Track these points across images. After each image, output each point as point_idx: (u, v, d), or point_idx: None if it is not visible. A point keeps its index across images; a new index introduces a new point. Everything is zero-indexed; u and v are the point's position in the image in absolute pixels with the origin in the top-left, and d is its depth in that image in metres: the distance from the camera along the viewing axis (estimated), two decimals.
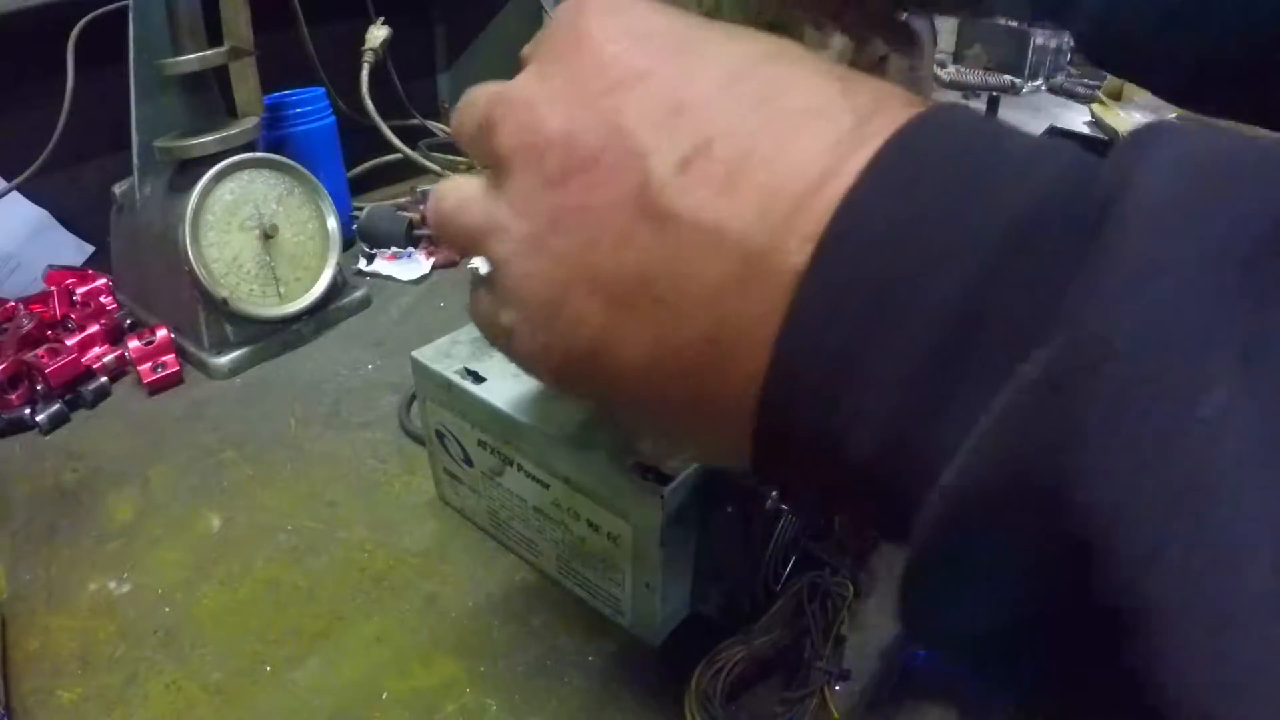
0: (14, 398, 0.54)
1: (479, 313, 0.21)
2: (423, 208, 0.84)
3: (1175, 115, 0.62)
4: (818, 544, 0.38)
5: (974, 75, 1.26)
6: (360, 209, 0.82)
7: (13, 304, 0.62)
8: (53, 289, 0.64)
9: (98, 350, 0.59)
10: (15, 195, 0.69)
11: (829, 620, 0.35)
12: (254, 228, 0.59)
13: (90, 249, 0.76)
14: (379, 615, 0.39)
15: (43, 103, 0.65)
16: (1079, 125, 1.04)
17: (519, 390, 0.37)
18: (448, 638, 0.38)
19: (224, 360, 0.59)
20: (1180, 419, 0.10)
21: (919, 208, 0.13)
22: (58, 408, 0.54)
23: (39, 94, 0.66)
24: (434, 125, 1.02)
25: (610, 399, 0.20)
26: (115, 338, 0.61)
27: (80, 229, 0.76)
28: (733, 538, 0.32)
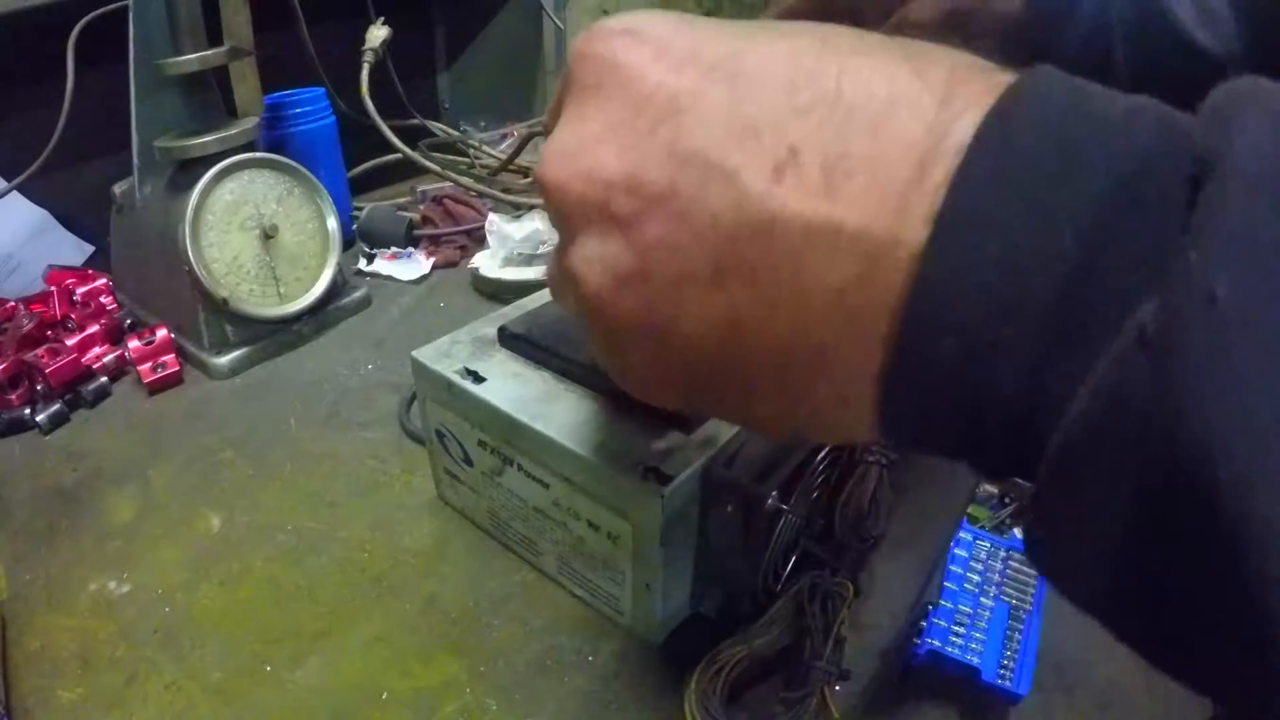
0: (14, 398, 0.54)
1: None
2: (423, 208, 0.84)
3: None
4: (818, 544, 0.38)
5: None
6: (360, 209, 0.82)
7: (13, 304, 0.62)
8: (53, 289, 0.64)
9: (98, 350, 0.59)
10: (15, 195, 0.69)
11: (829, 620, 0.35)
12: (254, 228, 0.59)
13: (90, 249, 0.77)
14: (379, 615, 0.39)
15: (43, 103, 0.65)
16: None
17: (519, 390, 0.37)
18: (448, 638, 0.38)
19: (224, 360, 0.59)
20: (1275, 362, 0.11)
21: (1026, 175, 0.14)
22: (58, 408, 0.54)
23: (39, 94, 0.67)
24: (434, 125, 1.02)
25: (722, 403, 0.20)
26: (115, 338, 0.61)
27: (80, 229, 0.76)
28: (733, 538, 0.32)
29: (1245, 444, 0.11)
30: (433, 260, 0.76)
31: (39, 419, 0.53)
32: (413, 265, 0.75)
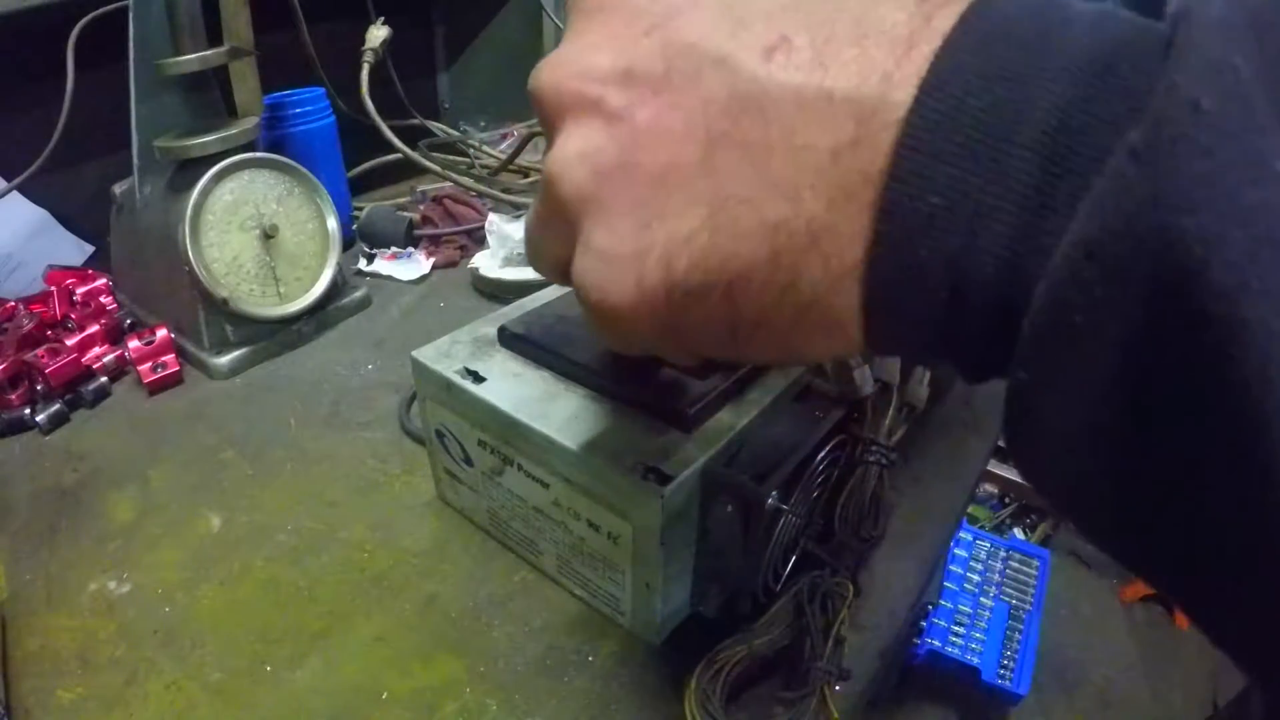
0: (14, 398, 0.54)
1: (545, 251, 0.22)
2: (423, 208, 0.84)
3: None
4: (818, 544, 0.38)
5: None
6: (360, 209, 0.82)
7: (13, 304, 0.62)
8: (53, 289, 0.64)
9: (98, 350, 0.59)
10: (15, 195, 0.69)
11: (829, 620, 0.35)
12: (254, 228, 0.59)
13: (90, 249, 0.77)
14: (379, 615, 0.39)
15: (43, 103, 0.65)
16: None
17: (519, 390, 0.37)
18: (448, 638, 0.38)
19: (224, 360, 0.59)
20: (1261, 167, 0.11)
21: (1010, 50, 0.15)
22: (58, 408, 0.54)
23: (39, 94, 0.67)
24: (434, 125, 1.02)
25: (707, 309, 0.19)
26: (115, 338, 0.61)
27: (80, 229, 0.76)
28: (733, 538, 0.32)
29: (1240, 236, 0.11)
30: (433, 260, 0.76)
31: (39, 419, 0.53)
32: (413, 265, 0.75)
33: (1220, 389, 0.11)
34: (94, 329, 0.60)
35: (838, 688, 0.34)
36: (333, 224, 0.64)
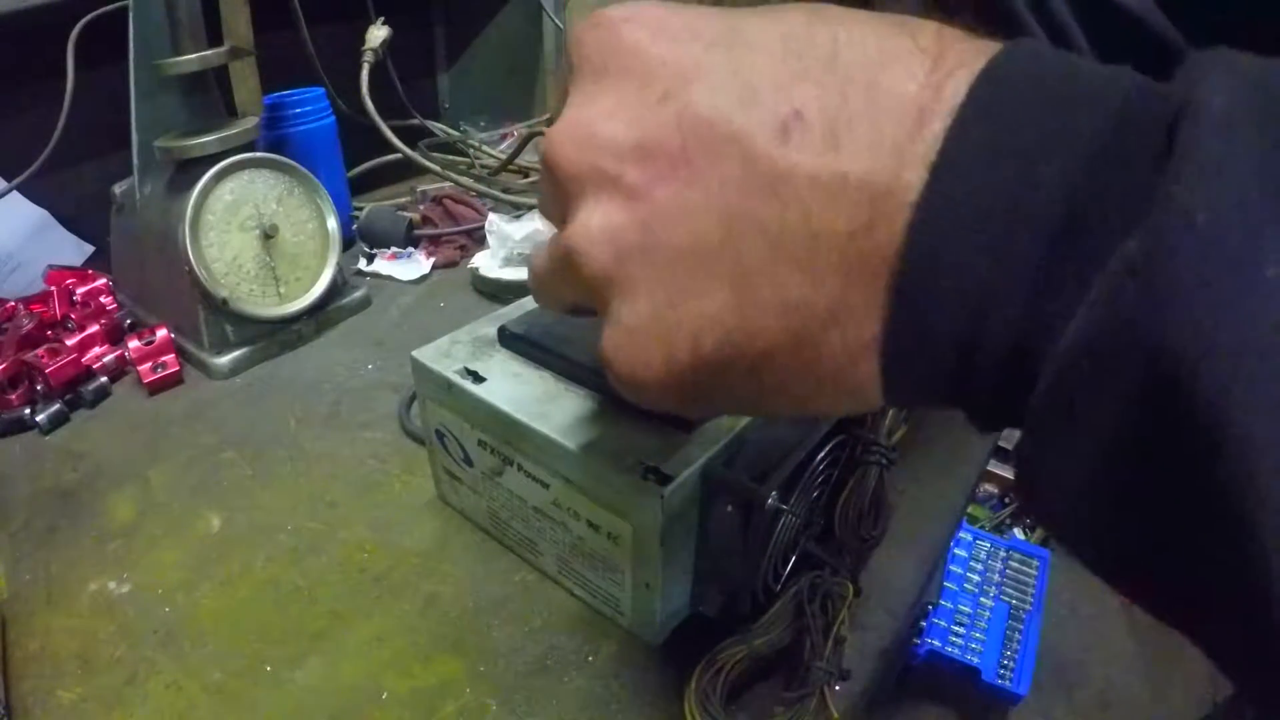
0: (14, 398, 0.54)
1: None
2: (423, 208, 0.84)
3: None
4: (818, 544, 0.38)
5: None
6: (360, 209, 0.82)
7: (13, 304, 0.62)
8: (53, 289, 0.64)
9: (98, 350, 0.59)
10: (15, 195, 0.69)
11: (829, 620, 0.35)
12: (254, 228, 0.59)
13: (90, 249, 0.77)
14: (379, 615, 0.39)
15: (43, 103, 0.65)
16: None
17: (519, 390, 0.37)
18: (448, 638, 0.38)
19: (224, 360, 0.59)
20: (1252, 277, 0.12)
21: (1018, 127, 0.15)
22: (58, 408, 0.54)
23: (39, 94, 0.67)
24: (434, 125, 1.02)
25: (731, 380, 0.19)
26: (115, 338, 0.61)
27: (80, 229, 0.76)
28: (733, 538, 0.32)
29: (1227, 347, 0.12)
30: (433, 260, 0.76)
31: (39, 419, 0.53)
32: (413, 265, 0.75)
33: (1206, 487, 0.12)
34: (94, 329, 0.60)
35: (838, 688, 0.34)
36: (333, 224, 0.64)
